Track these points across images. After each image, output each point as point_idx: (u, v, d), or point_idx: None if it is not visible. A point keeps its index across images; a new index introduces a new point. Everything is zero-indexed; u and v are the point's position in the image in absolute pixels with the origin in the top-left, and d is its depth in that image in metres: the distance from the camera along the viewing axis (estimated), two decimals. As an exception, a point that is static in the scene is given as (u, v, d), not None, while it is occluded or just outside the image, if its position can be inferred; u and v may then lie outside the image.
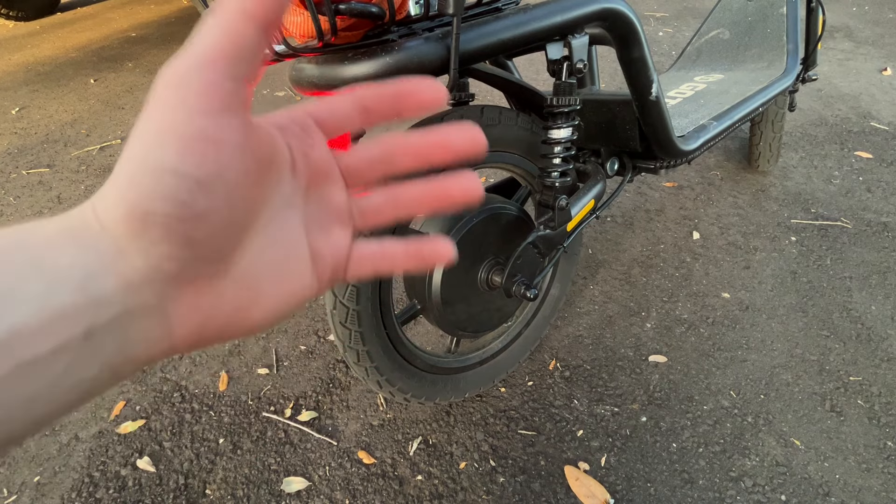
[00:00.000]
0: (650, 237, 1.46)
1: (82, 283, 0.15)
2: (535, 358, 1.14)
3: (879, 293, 1.25)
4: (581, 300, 1.28)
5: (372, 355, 0.82)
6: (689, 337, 1.17)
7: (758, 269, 1.34)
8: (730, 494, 0.88)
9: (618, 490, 0.90)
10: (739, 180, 1.68)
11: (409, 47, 0.60)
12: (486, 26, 0.64)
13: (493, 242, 0.88)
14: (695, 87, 1.32)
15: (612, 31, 0.75)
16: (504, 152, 0.85)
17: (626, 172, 1.05)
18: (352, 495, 0.90)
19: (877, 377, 1.06)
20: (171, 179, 0.16)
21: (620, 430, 0.99)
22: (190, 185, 0.16)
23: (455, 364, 0.98)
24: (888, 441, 0.95)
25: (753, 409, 1.01)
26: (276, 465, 0.95)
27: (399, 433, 1.00)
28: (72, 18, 3.92)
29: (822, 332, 1.16)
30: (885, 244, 1.39)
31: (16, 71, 2.95)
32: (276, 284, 0.20)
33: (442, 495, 0.90)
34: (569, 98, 0.73)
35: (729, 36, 1.49)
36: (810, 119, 1.99)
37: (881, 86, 2.20)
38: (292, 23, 0.55)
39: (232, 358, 1.17)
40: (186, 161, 0.16)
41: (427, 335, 1.21)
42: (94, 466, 0.97)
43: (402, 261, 0.24)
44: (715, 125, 1.08)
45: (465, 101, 0.83)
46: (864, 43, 2.61)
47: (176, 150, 0.16)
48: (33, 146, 2.14)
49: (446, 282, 0.84)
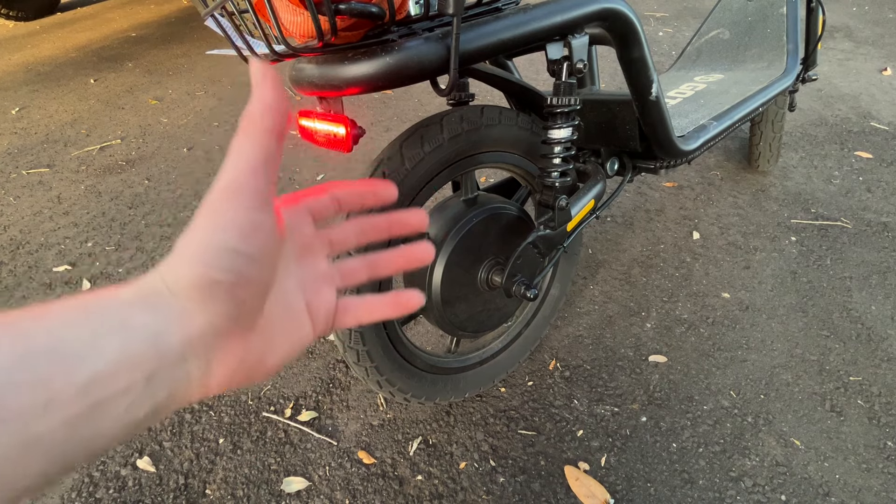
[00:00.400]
0: (650, 237, 1.46)
1: (153, 338, 0.19)
2: (535, 358, 1.14)
3: (879, 293, 1.25)
4: (581, 300, 1.28)
5: (372, 355, 0.82)
6: (689, 337, 1.17)
7: (758, 269, 1.34)
8: (730, 494, 0.88)
9: (618, 490, 0.90)
10: (739, 180, 1.68)
11: (409, 47, 0.60)
12: (486, 26, 0.64)
13: (493, 242, 0.88)
14: (695, 87, 1.32)
15: (612, 31, 0.75)
16: (504, 152, 0.85)
17: (626, 172, 1.05)
18: (352, 495, 0.90)
19: (877, 377, 1.06)
20: (231, 256, 0.20)
21: (620, 430, 0.99)
22: (245, 260, 0.21)
23: (455, 364, 0.98)
24: (888, 441, 0.95)
25: (753, 409, 1.01)
26: (276, 465, 0.95)
27: (399, 433, 1.00)
28: (72, 18, 3.92)
29: (822, 332, 1.16)
30: (885, 244, 1.39)
31: (16, 71, 2.95)
32: (284, 335, 0.25)
33: (442, 495, 0.90)
34: (569, 98, 0.72)
35: (729, 36, 1.49)
36: (810, 119, 1.99)
37: (881, 86, 2.20)
38: (292, 23, 0.55)
39: (232, 358, 1.17)
40: (244, 243, 0.21)
41: (427, 335, 1.21)
42: (94, 466, 0.97)
43: (381, 310, 0.29)
44: (715, 125, 1.08)
45: (465, 101, 0.83)
46: (864, 43, 2.61)
47: (236, 235, 0.20)
48: (33, 146, 2.14)
49: (446, 282, 0.84)
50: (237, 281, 0.20)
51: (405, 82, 0.61)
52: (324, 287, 0.28)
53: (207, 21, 0.62)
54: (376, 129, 2.08)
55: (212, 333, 0.21)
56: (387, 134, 2.05)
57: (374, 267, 0.30)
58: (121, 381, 0.18)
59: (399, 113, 2.19)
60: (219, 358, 0.21)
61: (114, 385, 0.18)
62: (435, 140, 0.74)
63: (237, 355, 0.22)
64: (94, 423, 0.17)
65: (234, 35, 0.59)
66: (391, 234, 0.31)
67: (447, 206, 0.87)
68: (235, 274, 0.20)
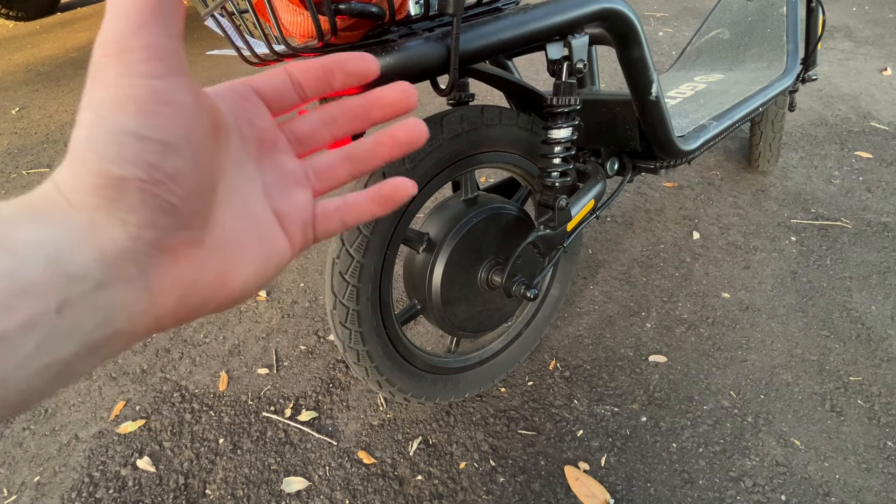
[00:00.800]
0: (650, 237, 1.46)
1: (52, 259, 0.15)
2: (535, 358, 1.14)
3: (879, 293, 1.25)
4: (581, 300, 1.28)
5: (372, 355, 0.82)
6: (689, 337, 1.17)
7: (758, 269, 1.34)
8: (730, 494, 0.88)
9: (618, 490, 0.90)
10: (739, 180, 1.68)
11: (409, 47, 0.60)
12: (486, 26, 0.64)
13: (493, 242, 0.88)
14: (695, 87, 1.32)
15: (612, 31, 0.75)
16: (504, 152, 0.85)
17: (626, 172, 1.05)
18: (352, 495, 0.90)
19: (877, 377, 1.06)
20: (136, 143, 0.16)
21: (620, 430, 0.99)
22: (156, 148, 0.16)
23: (455, 364, 0.98)
24: (888, 441, 0.95)
25: (753, 409, 1.01)
26: (276, 465, 0.95)
27: (399, 433, 1.00)
28: (72, 18, 3.92)
29: (822, 332, 1.16)
30: (885, 244, 1.39)
31: (16, 71, 2.95)
32: (249, 251, 0.21)
33: (442, 495, 0.90)
34: (569, 98, 0.72)
35: (729, 36, 1.49)
36: (810, 119, 1.99)
37: (881, 86, 2.20)
38: (292, 23, 0.55)
39: (232, 358, 1.17)
40: (148, 124, 0.16)
41: (427, 335, 1.21)
42: (94, 466, 0.97)
43: (367, 207, 0.25)
44: (715, 125, 1.08)
45: (465, 101, 0.83)
46: (864, 43, 2.61)
47: (135, 113, 0.16)
48: (33, 146, 2.14)
49: (446, 281, 0.84)
50: (150, 177, 0.16)
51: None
52: (295, 191, 0.23)
53: (207, 21, 0.62)
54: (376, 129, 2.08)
55: (136, 249, 0.17)
56: (387, 134, 2.05)
57: (354, 160, 0.25)
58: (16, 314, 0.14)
59: (399, 113, 2.18)
60: (159, 280, 0.17)
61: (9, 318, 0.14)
62: (435, 140, 0.74)
63: (185, 276, 0.18)
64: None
65: (234, 35, 0.59)
66: (371, 119, 0.25)
67: (447, 206, 0.87)
68: (145, 168, 0.16)
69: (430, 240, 0.84)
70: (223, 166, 0.20)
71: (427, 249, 0.84)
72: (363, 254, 0.74)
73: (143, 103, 0.16)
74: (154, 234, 0.17)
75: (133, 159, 0.16)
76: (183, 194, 0.17)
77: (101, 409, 1.07)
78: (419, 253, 0.85)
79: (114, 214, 0.16)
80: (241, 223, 0.21)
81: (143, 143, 0.16)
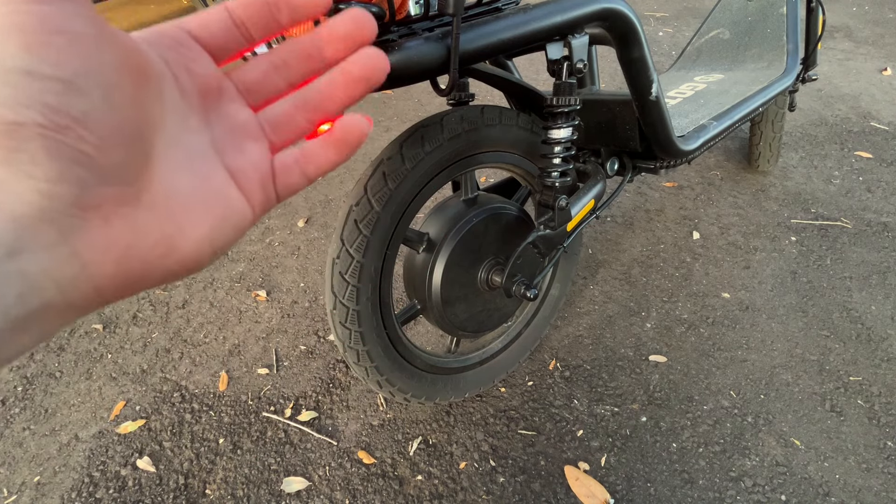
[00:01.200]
0: (650, 237, 1.46)
1: None
2: (535, 358, 1.14)
3: (879, 293, 1.25)
4: (581, 300, 1.28)
5: (372, 355, 0.82)
6: (689, 337, 1.17)
7: (758, 269, 1.34)
8: (730, 494, 0.88)
9: (618, 490, 0.90)
10: (739, 180, 1.68)
11: (409, 47, 0.60)
12: (486, 26, 0.64)
13: (493, 242, 0.88)
14: (695, 87, 1.32)
15: (612, 31, 0.75)
16: (504, 152, 0.85)
17: (626, 172, 1.05)
18: (352, 495, 0.90)
19: (877, 377, 1.06)
20: (27, 82, 0.13)
21: (620, 430, 0.99)
22: (54, 87, 0.14)
23: (455, 364, 0.98)
24: (888, 441, 0.95)
25: (753, 409, 1.01)
26: (276, 465, 0.95)
27: (399, 433, 1.00)
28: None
29: (822, 332, 1.16)
30: (885, 244, 1.39)
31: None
32: (200, 210, 0.19)
33: (442, 495, 0.90)
34: (569, 98, 0.72)
35: (729, 36, 1.49)
36: (810, 119, 1.99)
37: (881, 86, 2.20)
38: (292, 23, 0.55)
39: (232, 358, 1.17)
40: (38, 57, 0.14)
41: (427, 335, 1.21)
42: (94, 466, 0.97)
43: (324, 154, 0.22)
44: (715, 125, 1.08)
45: (465, 101, 0.83)
46: (864, 43, 2.61)
47: (21, 45, 0.13)
48: None
49: (446, 281, 0.84)
50: (51, 122, 0.14)
51: (405, 82, 0.61)
52: (249, 145, 0.21)
53: (207, 21, 0.62)
54: (376, 130, 2.08)
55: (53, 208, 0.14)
56: (387, 134, 2.05)
57: (310, 105, 0.22)
58: None
59: (399, 113, 2.18)
60: (87, 244, 0.15)
61: None
62: (435, 140, 0.74)
63: (121, 239, 0.16)
64: None
65: (234, 35, 0.59)
66: (325, 58, 0.22)
67: (447, 206, 0.87)
68: (43, 110, 0.14)
69: (430, 240, 0.84)
70: (158, 117, 0.18)
71: (427, 249, 0.84)
72: (363, 254, 0.74)
73: (29, 33, 0.14)
74: (70, 190, 0.14)
75: (26, 101, 0.13)
76: (96, 142, 0.15)
77: (101, 409, 1.07)
78: (419, 253, 0.85)
79: (17, 167, 0.14)
80: (187, 180, 0.18)
81: (36, 82, 0.14)
